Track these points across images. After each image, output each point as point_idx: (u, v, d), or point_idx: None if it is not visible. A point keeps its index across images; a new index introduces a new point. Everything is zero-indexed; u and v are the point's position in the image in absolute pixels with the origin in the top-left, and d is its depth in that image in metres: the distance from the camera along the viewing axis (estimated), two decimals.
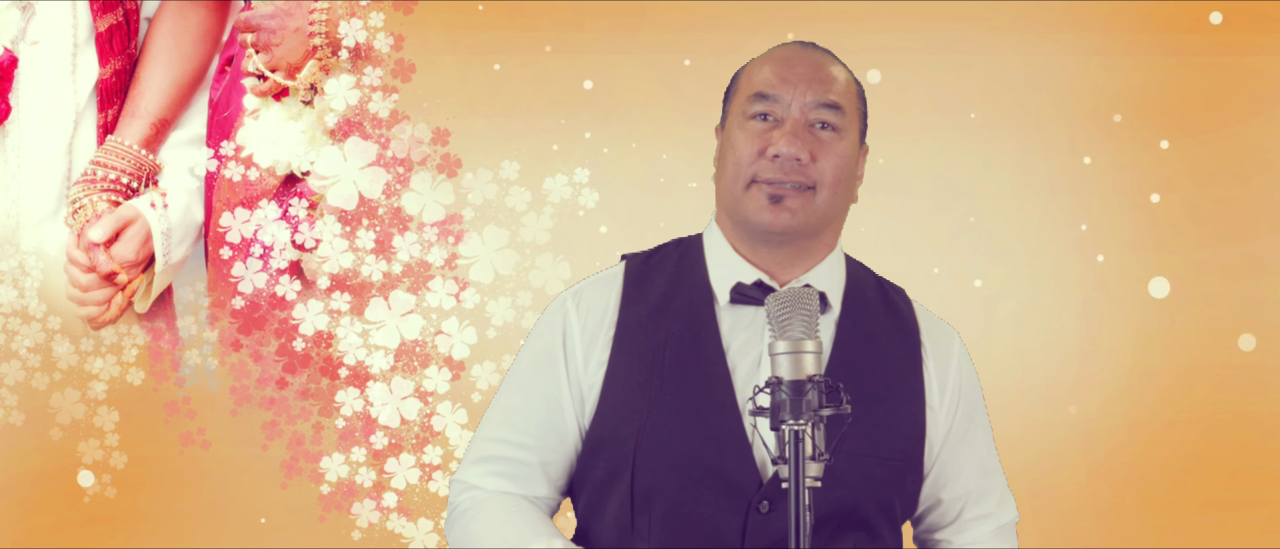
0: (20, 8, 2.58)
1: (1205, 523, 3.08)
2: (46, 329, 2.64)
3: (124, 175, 2.59)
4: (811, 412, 1.27)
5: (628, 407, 1.51)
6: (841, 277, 1.59)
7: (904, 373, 1.56)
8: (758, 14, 3.07)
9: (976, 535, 1.62)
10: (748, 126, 1.55)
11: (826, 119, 1.54)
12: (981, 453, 1.62)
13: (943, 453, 1.58)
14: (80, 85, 2.62)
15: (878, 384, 1.53)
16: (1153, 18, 3.09)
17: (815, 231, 1.55)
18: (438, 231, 2.57)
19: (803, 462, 1.25)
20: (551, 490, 1.59)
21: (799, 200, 1.51)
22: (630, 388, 1.52)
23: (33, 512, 2.73)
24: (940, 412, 1.57)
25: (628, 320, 1.55)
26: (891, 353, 1.56)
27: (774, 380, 1.29)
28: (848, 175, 1.56)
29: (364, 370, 2.58)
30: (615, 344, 1.54)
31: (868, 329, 1.56)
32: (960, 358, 1.60)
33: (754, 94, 1.57)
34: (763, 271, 1.55)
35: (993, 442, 1.66)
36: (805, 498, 1.24)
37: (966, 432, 1.60)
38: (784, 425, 1.26)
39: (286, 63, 2.51)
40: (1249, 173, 3.10)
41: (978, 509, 1.62)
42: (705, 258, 1.59)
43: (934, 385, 1.57)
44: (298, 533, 2.74)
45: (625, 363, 1.53)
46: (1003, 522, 1.64)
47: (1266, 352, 3.10)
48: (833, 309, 1.56)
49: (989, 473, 1.63)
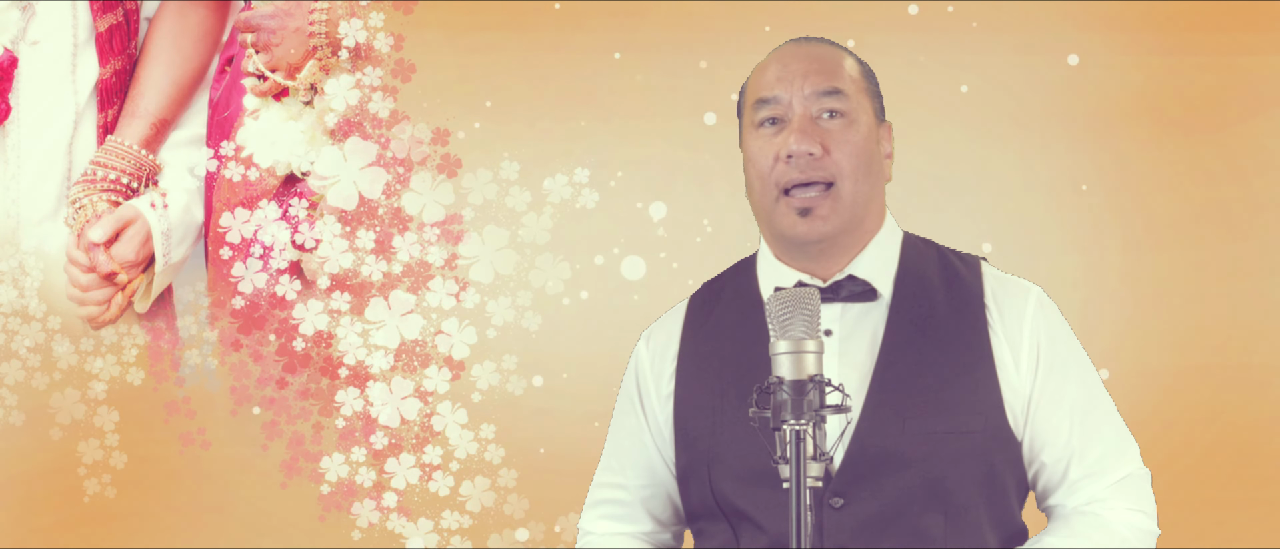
0: (20, 8, 2.58)
1: (1205, 523, 3.08)
2: (46, 329, 2.64)
3: (124, 175, 2.59)
4: (812, 411, 1.27)
5: (696, 431, 1.55)
6: (893, 261, 1.58)
7: (969, 345, 1.52)
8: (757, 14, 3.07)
9: (1092, 493, 1.53)
10: (759, 134, 1.57)
11: (831, 107, 1.54)
12: (1077, 407, 1.54)
13: (1033, 415, 1.52)
14: (80, 85, 2.62)
15: (941, 362, 1.51)
16: (1153, 18, 3.09)
17: (852, 226, 1.55)
18: (438, 231, 2.57)
19: (804, 461, 1.25)
20: (656, 524, 1.64)
21: (827, 204, 1.52)
22: (695, 412, 1.55)
23: (33, 512, 2.73)
24: (1020, 375, 1.52)
25: (687, 349, 1.59)
26: (952, 328, 1.53)
27: (775, 380, 1.30)
28: (867, 158, 1.55)
29: (364, 370, 2.58)
30: (678, 375, 1.58)
31: (924, 309, 1.54)
32: (1034, 316, 1.56)
33: (757, 100, 1.58)
34: (805, 271, 1.57)
35: (1100, 393, 1.58)
36: (806, 498, 1.25)
37: (1055, 389, 1.53)
38: (785, 425, 1.27)
39: (286, 63, 2.51)
40: (1249, 173, 3.10)
41: (1083, 466, 1.53)
42: (757, 270, 1.62)
43: (1006, 350, 1.53)
44: (298, 533, 2.74)
45: (688, 390, 1.57)
46: (1119, 475, 1.53)
47: (1266, 352, 3.10)
48: (883, 296, 1.56)
49: (1090, 427, 1.54)
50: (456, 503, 2.66)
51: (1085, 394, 1.56)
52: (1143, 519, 1.53)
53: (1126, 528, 1.51)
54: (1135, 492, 1.54)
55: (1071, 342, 1.58)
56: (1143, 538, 1.52)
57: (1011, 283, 1.60)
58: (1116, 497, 1.53)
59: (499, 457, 2.67)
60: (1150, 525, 1.55)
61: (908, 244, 1.62)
